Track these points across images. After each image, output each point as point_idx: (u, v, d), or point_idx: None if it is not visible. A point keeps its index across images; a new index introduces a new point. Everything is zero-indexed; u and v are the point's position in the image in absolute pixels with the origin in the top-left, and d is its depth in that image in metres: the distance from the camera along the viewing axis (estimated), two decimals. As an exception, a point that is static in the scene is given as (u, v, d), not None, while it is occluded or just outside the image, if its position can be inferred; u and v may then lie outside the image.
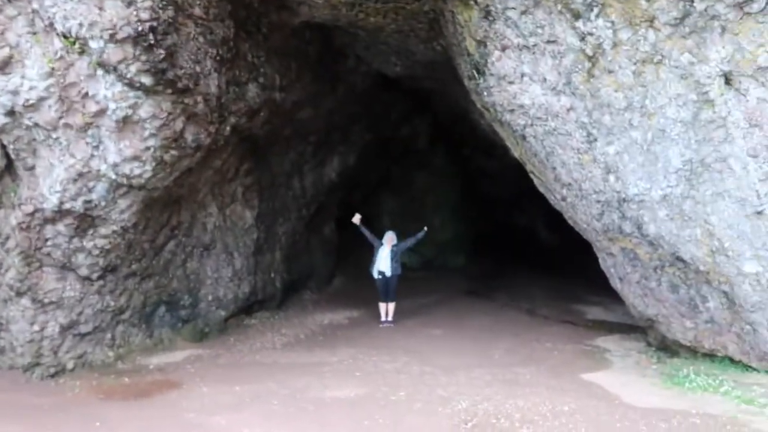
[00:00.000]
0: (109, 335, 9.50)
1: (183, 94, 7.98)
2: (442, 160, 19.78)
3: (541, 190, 10.96)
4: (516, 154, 10.57)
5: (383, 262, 12.64)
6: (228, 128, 9.56)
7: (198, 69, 8.11)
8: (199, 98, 8.33)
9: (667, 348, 10.04)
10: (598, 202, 8.73)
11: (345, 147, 15.40)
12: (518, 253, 23.57)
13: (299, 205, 14.38)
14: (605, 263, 10.28)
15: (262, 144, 12.48)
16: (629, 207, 8.32)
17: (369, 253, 18.66)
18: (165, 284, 10.39)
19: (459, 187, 20.59)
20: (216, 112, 8.83)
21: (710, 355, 8.98)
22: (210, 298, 11.36)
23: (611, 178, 8.25)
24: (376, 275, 12.67)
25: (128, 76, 7.26)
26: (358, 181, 17.92)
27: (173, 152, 8.30)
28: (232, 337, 11.42)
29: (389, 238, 13.02)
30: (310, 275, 15.57)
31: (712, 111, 7.04)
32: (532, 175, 10.75)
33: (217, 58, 8.55)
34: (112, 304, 9.39)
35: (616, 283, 10.24)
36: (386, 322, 12.51)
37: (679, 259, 8.30)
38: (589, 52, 7.51)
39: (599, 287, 17.54)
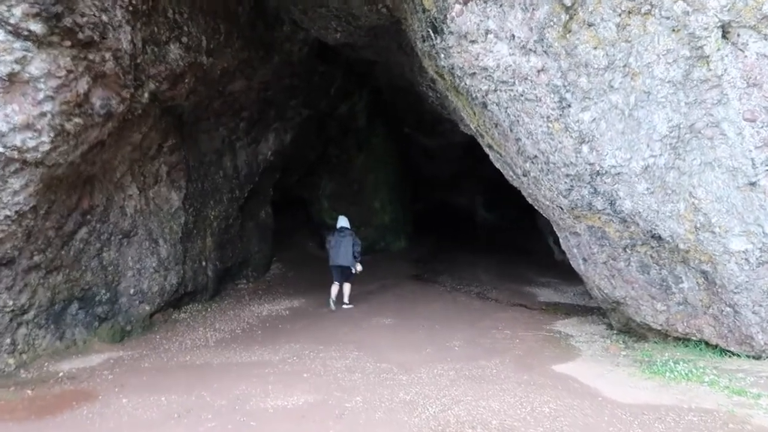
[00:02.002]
0: (8, 340, 7.85)
1: (86, 48, 6.39)
2: (382, 139, 18.55)
3: (498, 165, 9.91)
4: (472, 125, 9.46)
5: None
6: (146, 95, 8.01)
7: (105, 18, 6.52)
8: (108, 55, 6.74)
9: (632, 331, 9.23)
10: (568, 176, 7.71)
11: (281, 124, 13.96)
12: (458, 234, 22.75)
13: (232, 186, 12.88)
14: (567, 243, 9.35)
15: (189, 118, 10.93)
16: (603, 181, 7.34)
17: (308, 237, 17.37)
18: (77, 278, 8.78)
19: (398, 167, 19.43)
20: (130, 74, 7.26)
21: (683, 339, 8.18)
22: (132, 291, 9.80)
23: (584, 148, 7.23)
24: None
25: (11, 21, 5.62)
26: (295, 162, 16.51)
27: (77, 120, 6.70)
28: (159, 334, 9.90)
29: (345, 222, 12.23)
30: (245, 263, 14.11)
31: (707, 69, 6.07)
32: (489, 150, 9.68)
33: (130, 8, 6.97)
34: (11, 303, 7.74)
35: (578, 265, 9.33)
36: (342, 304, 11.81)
37: (655, 237, 7.39)
38: (567, 2, 6.41)
39: (544, 267, 16.96)
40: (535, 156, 7.98)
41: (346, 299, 11.78)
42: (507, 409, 5.98)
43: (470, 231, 23.34)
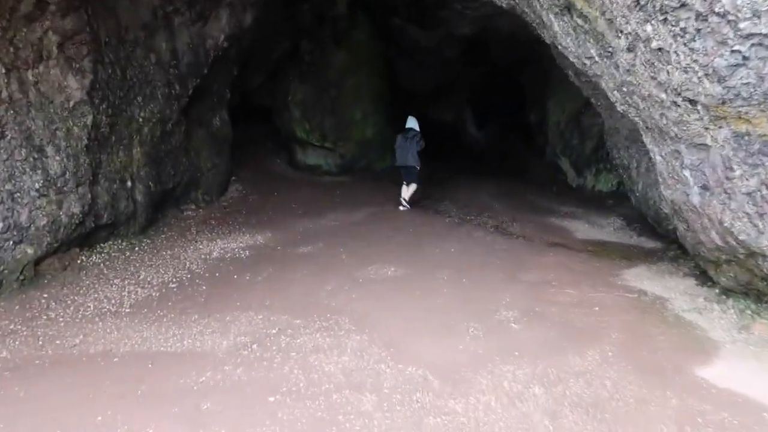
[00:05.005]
0: None
1: None
2: (365, 33, 14.44)
3: (568, 40, 6.23)
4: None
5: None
6: None
7: None
8: None
9: (754, 293, 5.95)
10: (747, 37, 4.12)
11: (238, -3, 9.88)
12: (446, 154, 19.09)
13: (169, 78, 8.89)
14: (675, 161, 5.83)
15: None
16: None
17: (275, 153, 13.81)
18: None
19: (383, 70, 15.40)
20: None
21: None
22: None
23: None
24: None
25: None
26: (259, 57, 12.45)
27: None
28: (48, 292, 6.21)
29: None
30: (194, 183, 10.29)
31: None
32: (560, 15, 5.98)
33: None
34: None
35: (689, 194, 5.85)
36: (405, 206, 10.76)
37: None
38: None
39: (558, 194, 13.56)
40: (681, 4, 4.32)
41: (406, 197, 10.88)
42: None
43: (459, 151, 19.71)
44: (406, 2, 12.69)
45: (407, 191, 10.91)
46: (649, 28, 4.74)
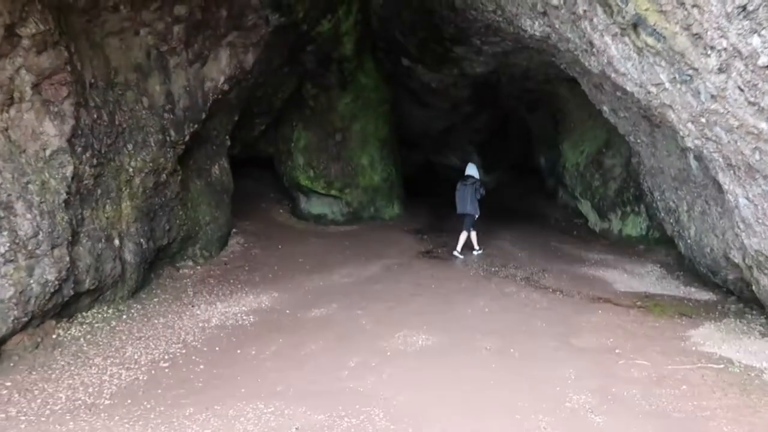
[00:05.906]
0: None
1: None
2: (372, 76, 13.57)
3: (624, 66, 5.28)
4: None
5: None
6: None
7: None
8: None
9: None
10: None
11: (239, 36, 8.94)
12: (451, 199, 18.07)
13: (163, 124, 7.89)
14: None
15: (80, 1, 5.96)
16: None
17: (277, 203, 12.81)
18: None
19: (390, 114, 14.49)
20: None
21: None
22: (-46, 301, 4.89)
23: None
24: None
25: None
26: (262, 102, 11.53)
27: None
28: (12, 379, 5.02)
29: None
30: (191, 237, 9.17)
31: None
32: (623, 34, 5.02)
33: None
34: None
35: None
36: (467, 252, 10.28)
37: None
38: None
39: (581, 239, 12.50)
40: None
41: (476, 245, 10.51)
42: None
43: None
44: (418, 39, 11.80)
45: (464, 240, 10.33)
46: (756, 40, 3.74)
